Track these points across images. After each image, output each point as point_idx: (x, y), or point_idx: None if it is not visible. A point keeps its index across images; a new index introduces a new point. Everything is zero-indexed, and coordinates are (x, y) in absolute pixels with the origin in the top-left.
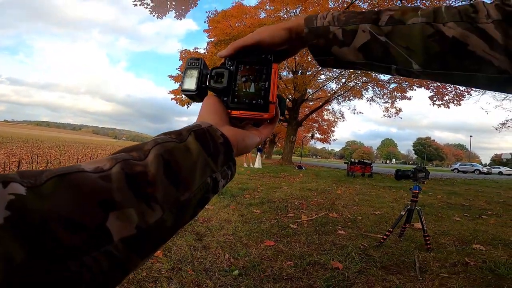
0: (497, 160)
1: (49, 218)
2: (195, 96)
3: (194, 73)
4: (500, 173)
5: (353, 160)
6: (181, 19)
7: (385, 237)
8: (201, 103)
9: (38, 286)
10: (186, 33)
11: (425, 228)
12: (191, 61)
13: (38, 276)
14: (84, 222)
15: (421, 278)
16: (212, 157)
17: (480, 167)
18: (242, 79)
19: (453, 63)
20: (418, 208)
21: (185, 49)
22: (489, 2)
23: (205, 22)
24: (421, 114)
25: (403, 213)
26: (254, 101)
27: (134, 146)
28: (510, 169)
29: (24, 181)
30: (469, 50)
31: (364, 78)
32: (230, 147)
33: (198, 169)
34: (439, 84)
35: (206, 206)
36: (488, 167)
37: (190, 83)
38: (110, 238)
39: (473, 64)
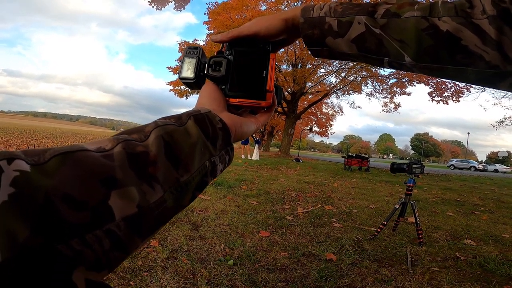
0: (493, 158)
1: (52, 196)
2: (193, 84)
3: (193, 61)
4: (496, 170)
5: (350, 154)
6: (180, 10)
7: (379, 230)
8: (199, 91)
9: (40, 265)
10: (185, 26)
11: (418, 222)
12: (189, 49)
13: (41, 254)
14: (87, 200)
15: (412, 271)
16: (211, 141)
17: (475, 164)
18: (240, 68)
19: (445, 57)
20: (411, 202)
21: (184, 41)
22: None
23: (205, 14)
24: (418, 110)
25: (397, 206)
26: (251, 90)
27: (135, 128)
28: (505, 167)
29: (28, 159)
30: (461, 44)
31: (364, 73)
32: (228, 133)
33: (197, 152)
34: (438, 80)
35: (202, 197)
36: (483, 164)
37: (189, 72)
38: (113, 217)
39: (464, 58)
